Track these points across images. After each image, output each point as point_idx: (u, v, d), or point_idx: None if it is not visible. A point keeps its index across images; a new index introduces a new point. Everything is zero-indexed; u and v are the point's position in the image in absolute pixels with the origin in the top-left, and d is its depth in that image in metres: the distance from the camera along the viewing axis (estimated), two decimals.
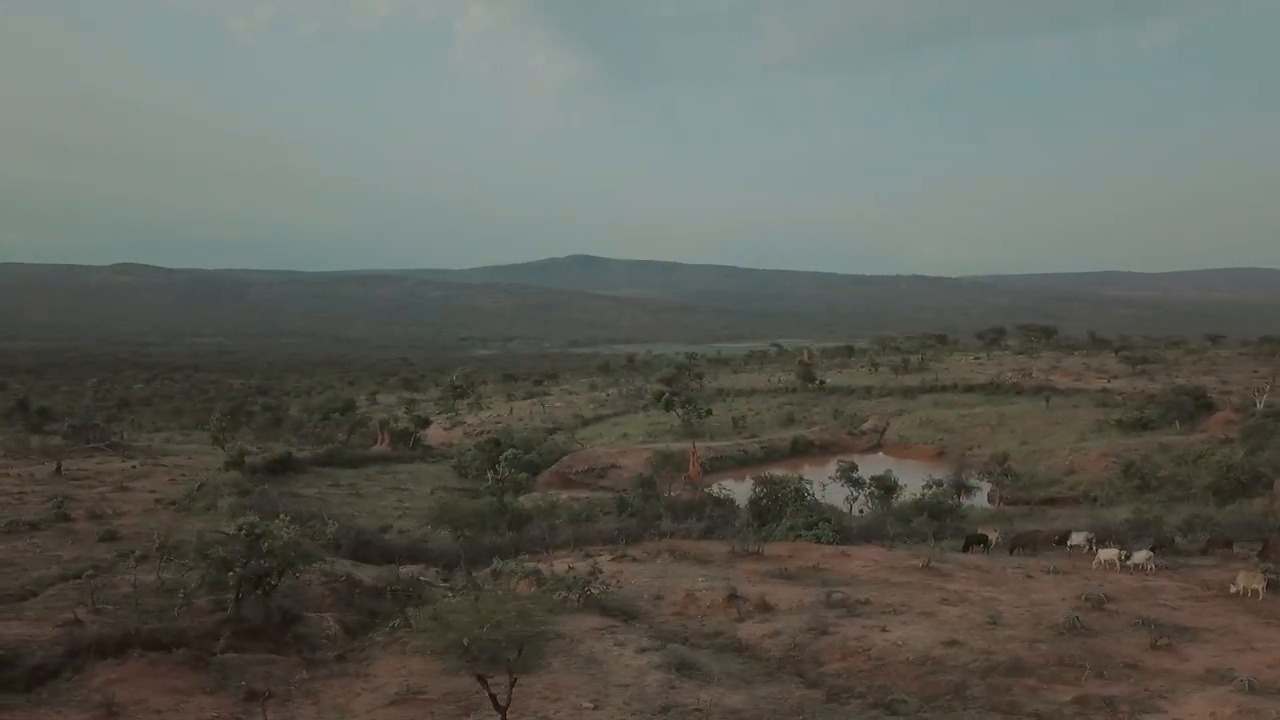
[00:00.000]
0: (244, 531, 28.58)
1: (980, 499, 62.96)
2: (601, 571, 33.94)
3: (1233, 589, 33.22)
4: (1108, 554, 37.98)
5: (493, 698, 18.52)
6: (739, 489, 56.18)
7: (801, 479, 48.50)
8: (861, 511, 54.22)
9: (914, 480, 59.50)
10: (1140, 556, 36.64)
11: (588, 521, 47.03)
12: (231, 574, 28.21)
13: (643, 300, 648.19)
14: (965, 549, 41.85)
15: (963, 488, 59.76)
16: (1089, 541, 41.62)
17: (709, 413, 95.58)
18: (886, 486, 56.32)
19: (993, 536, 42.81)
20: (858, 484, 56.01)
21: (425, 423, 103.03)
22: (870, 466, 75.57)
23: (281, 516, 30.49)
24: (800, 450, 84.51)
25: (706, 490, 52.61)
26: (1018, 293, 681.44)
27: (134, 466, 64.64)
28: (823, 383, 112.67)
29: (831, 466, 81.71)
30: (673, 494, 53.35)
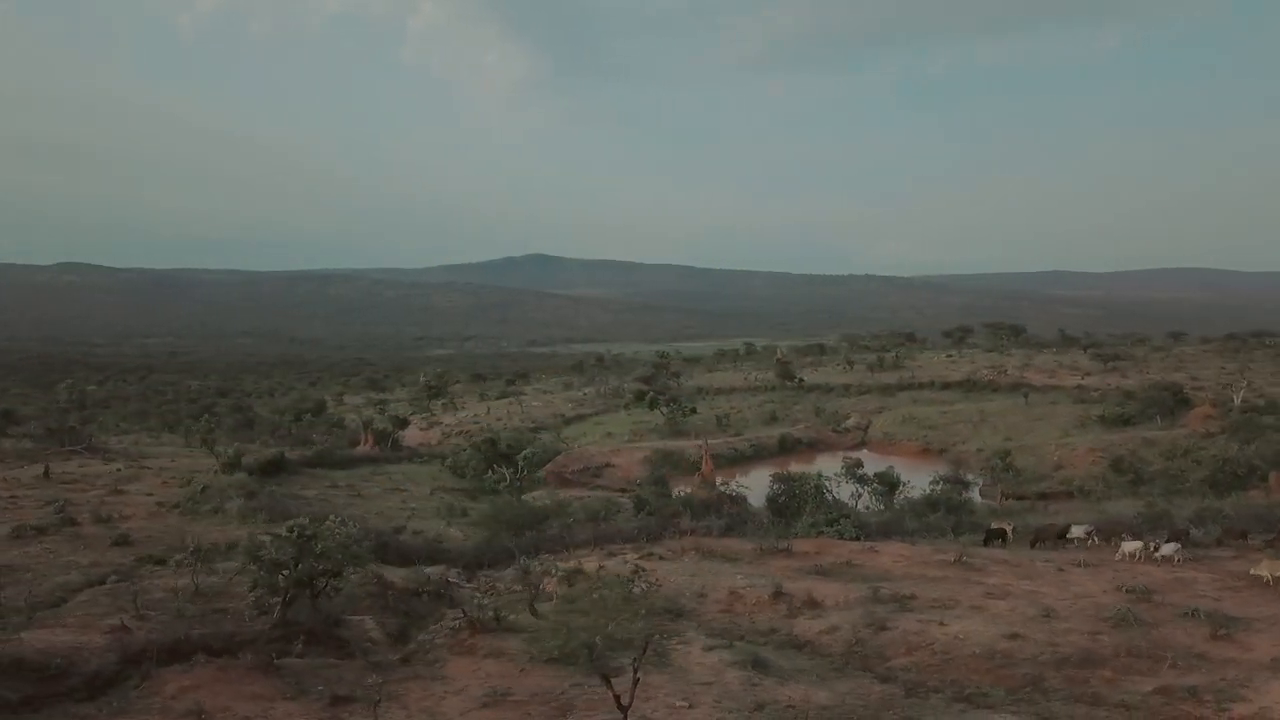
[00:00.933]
0: (295, 532, 27.85)
1: (972, 494, 63.58)
2: (645, 570, 33.71)
3: (1253, 571, 34.24)
4: (1131, 546, 38.63)
5: (616, 698, 18.29)
6: (752, 485, 55.85)
7: (820, 475, 48.67)
8: (867, 508, 54.46)
9: (906, 476, 59.91)
10: (1168, 549, 37.30)
11: (606, 520, 46.66)
12: (283, 576, 27.55)
13: (601, 300, 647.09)
14: (985, 543, 42.32)
15: (961, 483, 60.36)
16: (1089, 535, 42.45)
17: (693, 411, 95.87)
18: (889, 483, 56.66)
19: (1009, 531, 43.43)
20: (863, 480, 56.25)
21: (404, 423, 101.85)
22: (866, 462, 76.13)
23: (333, 517, 29.75)
24: (788, 448, 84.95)
25: (724, 487, 52.45)
26: (970, 292, 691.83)
27: (119, 469, 62.93)
28: (801, 381, 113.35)
29: (819, 463, 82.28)
30: (687, 491, 53.19)
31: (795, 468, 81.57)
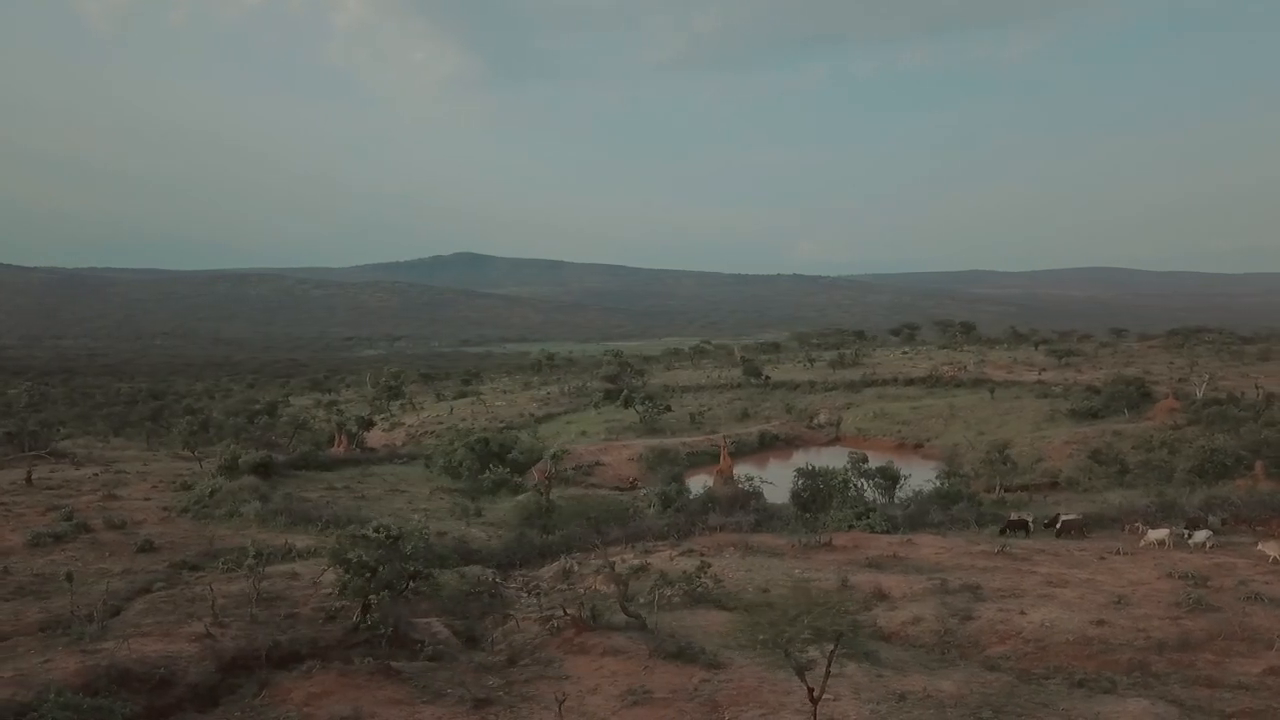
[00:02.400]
0: (383, 534, 27.17)
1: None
2: (710, 565, 33.62)
3: (1259, 547, 36.29)
4: (1157, 534, 39.93)
5: (810, 690, 18.22)
6: (769, 480, 55.67)
7: (847, 470, 49.09)
8: (873, 501, 55.04)
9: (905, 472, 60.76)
10: (1201, 536, 38.66)
11: (635, 518, 46.39)
12: (372, 578, 26.83)
13: (531, 299, 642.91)
14: (1002, 533, 43.25)
15: (959, 476, 61.45)
16: (1059, 523, 43.88)
17: (667, 409, 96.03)
18: (890, 477, 57.34)
19: (1030, 522, 44.52)
20: (866, 475, 56.81)
21: (369, 424, 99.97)
22: (835, 458, 77.05)
23: (415, 518, 29.05)
24: (767, 444, 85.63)
25: (747, 484, 52.42)
26: (894, 290, 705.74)
27: (95, 475, 60.51)
28: (768, 378, 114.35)
29: (795, 459, 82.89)
30: (707, 487, 53.18)
31: (773, 462, 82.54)
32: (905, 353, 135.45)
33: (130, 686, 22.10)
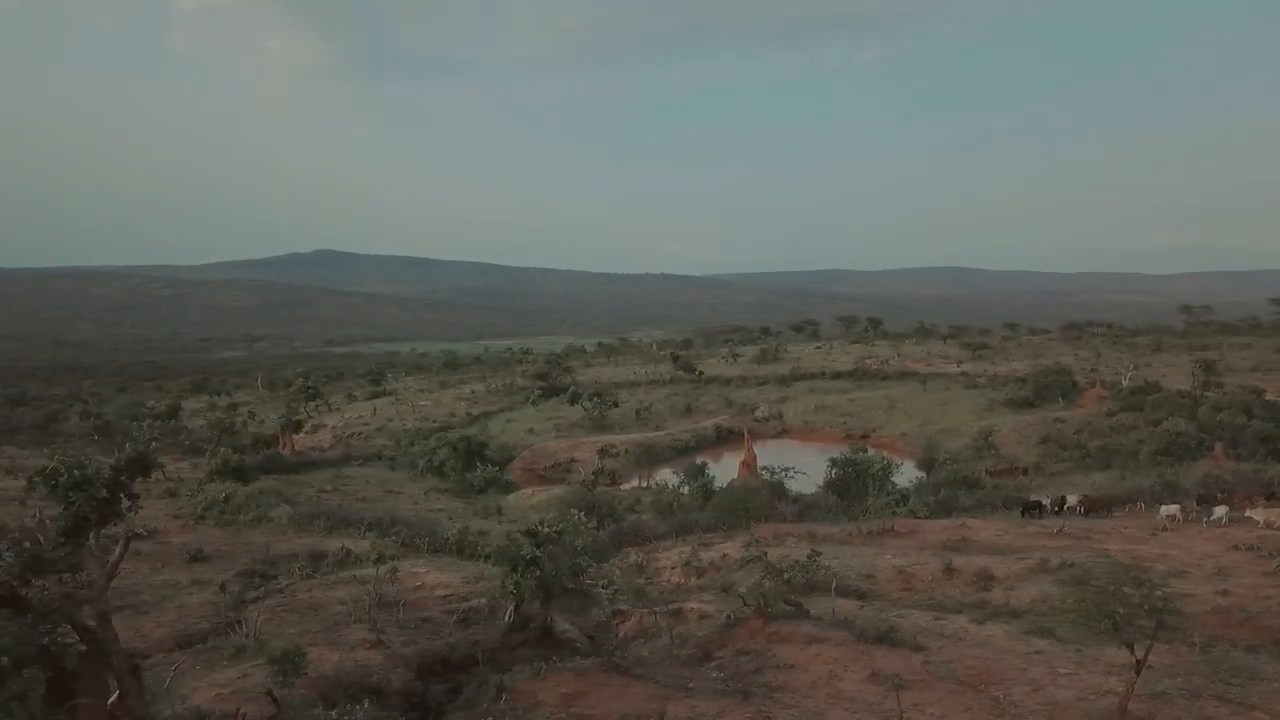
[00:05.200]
0: (552, 529, 26.12)
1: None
2: (820, 554, 33.72)
3: (1248, 514, 40.34)
4: (1169, 510, 42.46)
5: (1137, 663, 18.57)
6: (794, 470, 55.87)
7: (884, 458, 50.03)
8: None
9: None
10: (1220, 511, 41.27)
11: (680, 512, 46.06)
12: (538, 577, 25.77)
13: (397, 297, 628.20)
14: (1022, 514, 45.19)
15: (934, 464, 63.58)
16: (1080, 504, 46.43)
17: (615, 405, 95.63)
18: (884, 466, 58.83)
19: (1046, 503, 46.60)
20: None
21: (299, 426, 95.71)
22: (798, 449, 78.73)
23: (574, 512, 27.99)
24: (723, 438, 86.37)
25: (782, 474, 52.69)
26: (759, 289, 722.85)
27: None
28: (701, 373, 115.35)
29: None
30: (733, 480, 53.23)
31: (727, 456, 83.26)
32: (819, 348, 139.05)
33: (354, 697, 20.61)
